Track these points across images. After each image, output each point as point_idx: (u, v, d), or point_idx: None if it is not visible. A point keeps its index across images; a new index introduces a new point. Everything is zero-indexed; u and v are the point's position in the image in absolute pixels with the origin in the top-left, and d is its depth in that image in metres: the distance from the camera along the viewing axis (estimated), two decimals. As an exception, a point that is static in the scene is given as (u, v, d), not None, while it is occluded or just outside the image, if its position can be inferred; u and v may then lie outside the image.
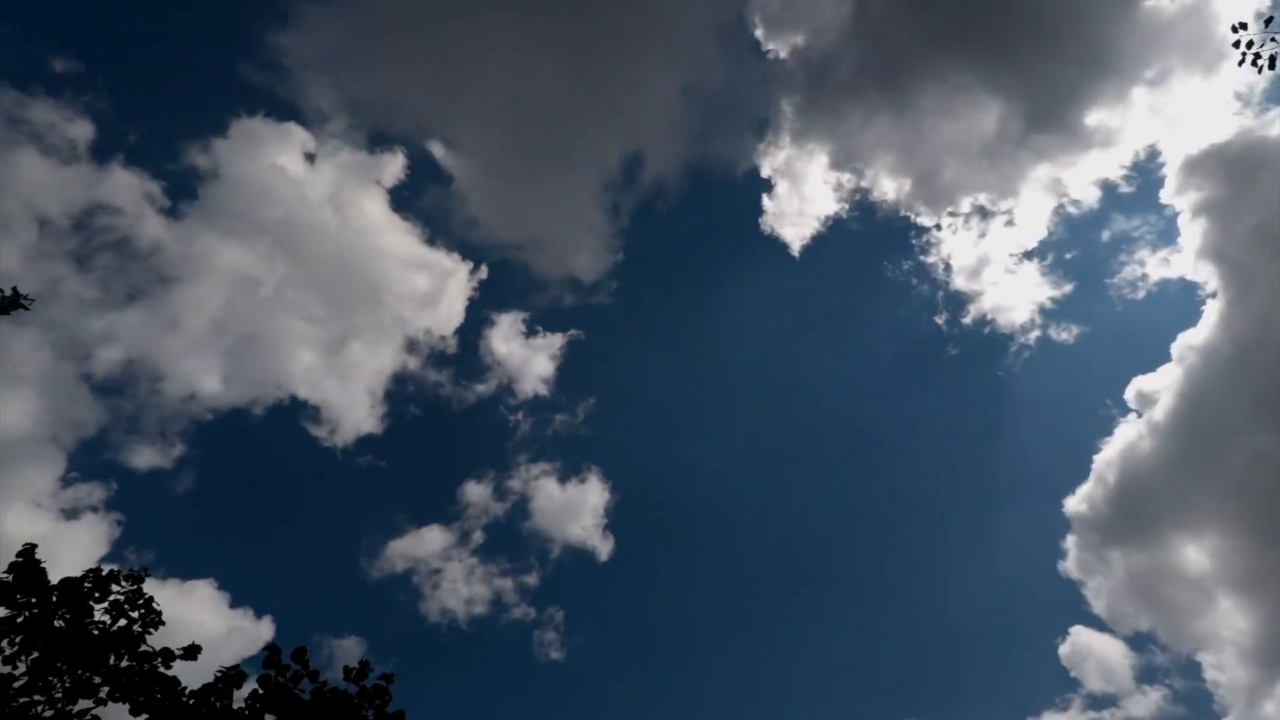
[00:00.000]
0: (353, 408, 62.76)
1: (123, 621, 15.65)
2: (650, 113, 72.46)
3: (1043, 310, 65.62)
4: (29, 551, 15.33)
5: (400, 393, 65.21)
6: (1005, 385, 67.15)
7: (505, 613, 58.32)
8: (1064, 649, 55.83)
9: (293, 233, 69.38)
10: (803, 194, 69.86)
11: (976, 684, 58.84)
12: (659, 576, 64.23)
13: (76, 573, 15.56)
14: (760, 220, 69.52)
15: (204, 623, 53.04)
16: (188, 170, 65.55)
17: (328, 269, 70.44)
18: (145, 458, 57.94)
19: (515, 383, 66.22)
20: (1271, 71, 14.35)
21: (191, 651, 15.79)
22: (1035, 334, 65.58)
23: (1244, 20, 14.36)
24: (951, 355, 68.84)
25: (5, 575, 14.99)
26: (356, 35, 71.61)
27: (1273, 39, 14.36)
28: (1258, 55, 14.44)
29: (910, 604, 63.08)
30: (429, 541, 59.58)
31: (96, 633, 15.36)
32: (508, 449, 65.12)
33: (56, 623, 15.21)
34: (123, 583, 15.90)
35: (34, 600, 15.11)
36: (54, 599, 15.28)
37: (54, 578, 15.35)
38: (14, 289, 15.74)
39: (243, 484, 63.86)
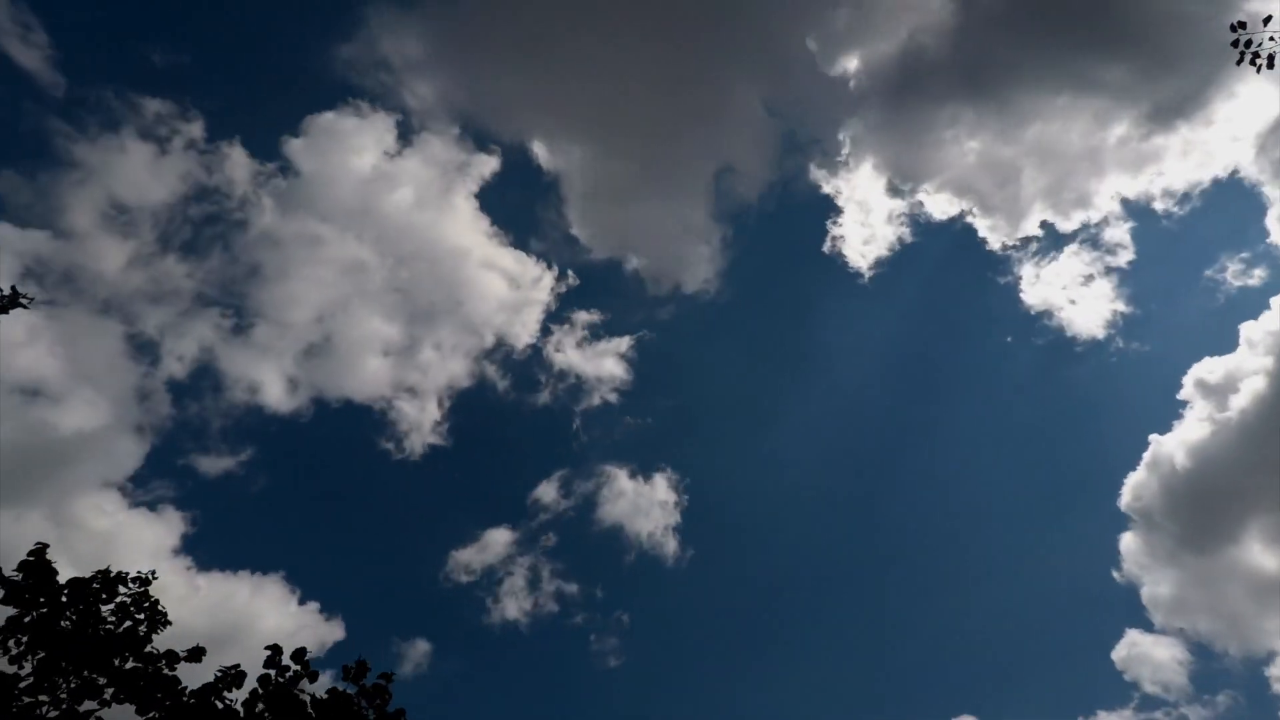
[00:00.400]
0: (426, 409, 63.93)
1: (129, 623, 15.78)
2: (737, 128, 74.27)
3: (1115, 324, 65.36)
4: (40, 551, 15.53)
5: (474, 395, 67.04)
6: (1070, 390, 67.53)
7: (571, 616, 59.45)
8: (1120, 652, 54.82)
9: (381, 230, 70.89)
10: (873, 209, 71.74)
11: (1034, 684, 59.01)
12: (726, 582, 65.48)
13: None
14: (835, 235, 71.37)
15: (272, 617, 54.06)
16: (280, 167, 68.40)
17: (413, 266, 71.68)
18: (219, 456, 60.08)
19: (589, 388, 67.69)
20: (1271, 71, 14.33)
21: (196, 653, 15.85)
22: (1101, 338, 64.97)
23: (1243, 20, 14.39)
24: (1020, 362, 69.27)
25: (14, 574, 15.17)
26: (458, 36, 74.01)
27: (1272, 38, 14.35)
28: (1256, 54, 14.42)
29: (970, 605, 63.59)
30: (497, 544, 60.53)
31: (103, 634, 15.48)
32: (581, 453, 66.69)
33: (64, 623, 15.36)
34: (130, 584, 16.06)
35: (42, 600, 15.28)
36: (63, 599, 15.45)
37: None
38: (13, 288, 15.90)
39: (316, 484, 66.09)
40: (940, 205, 70.98)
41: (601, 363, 68.49)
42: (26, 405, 57.21)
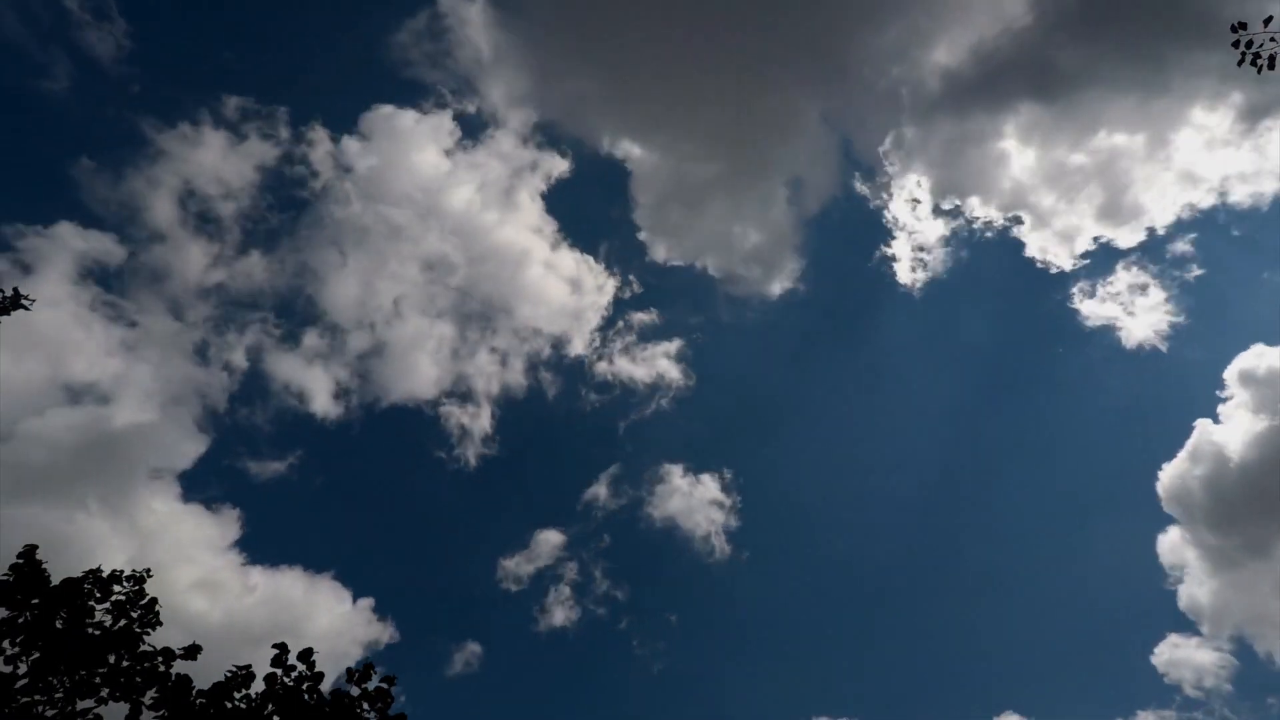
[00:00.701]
0: (481, 411, 64.08)
1: (123, 621, 15.65)
2: (802, 138, 74.05)
3: (1166, 333, 65.91)
4: (29, 552, 15.30)
5: (530, 397, 66.91)
6: (1117, 393, 68.74)
7: (621, 618, 59.92)
8: (1161, 654, 56.24)
9: (445, 229, 70.23)
10: (930, 218, 71.86)
11: (1075, 683, 60.39)
12: (775, 584, 66.76)
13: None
14: (894, 243, 72.06)
15: (326, 616, 54.66)
16: (346, 164, 67.55)
17: (475, 266, 70.97)
18: (274, 456, 60.36)
19: (647, 392, 67.76)
20: (1271, 71, 14.38)
21: (192, 651, 15.79)
22: (1145, 341, 65.81)
23: (1244, 20, 14.38)
24: (1071, 365, 70.33)
25: (6, 576, 14.97)
26: (533, 34, 72.99)
27: (1272, 39, 14.37)
28: (1257, 55, 14.45)
29: (1016, 604, 65.35)
30: (549, 545, 60.72)
31: (97, 633, 15.36)
32: (636, 456, 67.08)
33: (57, 623, 15.21)
34: (124, 583, 15.90)
35: (35, 601, 15.10)
36: (55, 600, 15.27)
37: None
38: (15, 289, 15.65)
39: (371, 485, 66.34)
40: (995, 213, 71.29)
41: (659, 366, 68.40)
42: (85, 401, 57.67)
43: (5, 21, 59.14)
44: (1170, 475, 61.18)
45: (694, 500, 63.28)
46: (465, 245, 71.69)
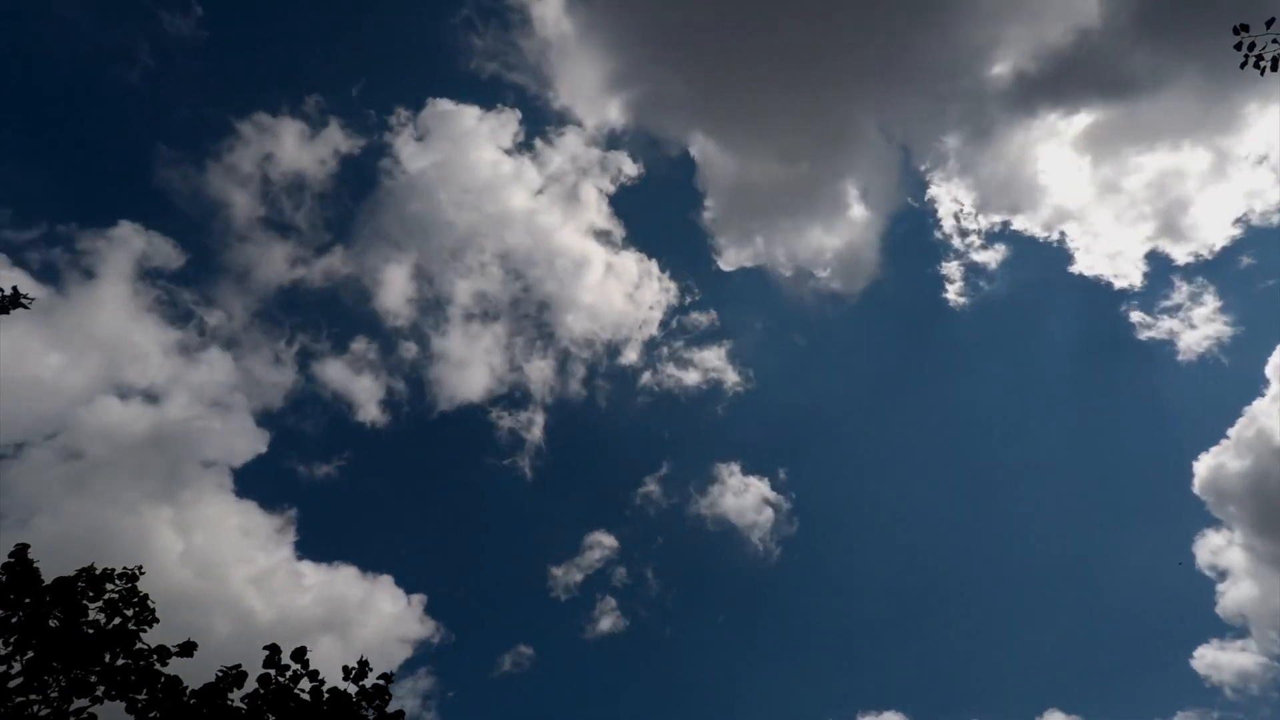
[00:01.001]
0: (536, 413, 63.77)
1: (117, 620, 15.59)
2: (864, 147, 73.50)
3: (1224, 344, 65.70)
4: (21, 552, 15.18)
5: (589, 398, 66.56)
6: (1172, 403, 68.94)
7: (672, 619, 60.46)
8: (1200, 659, 56.86)
9: (504, 226, 69.24)
10: (985, 230, 71.43)
11: (1121, 683, 61.34)
12: (826, 585, 67.43)
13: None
14: (950, 255, 72.00)
15: (378, 615, 55.70)
16: (409, 155, 66.12)
17: (535, 264, 70.19)
18: (329, 457, 60.30)
19: (703, 394, 67.68)
20: (1274, 73, 14.31)
21: (188, 648, 15.76)
22: (1201, 352, 66.03)
23: (1246, 22, 14.27)
24: (1125, 376, 70.51)
25: (-2, 576, 14.86)
26: (605, 33, 71.60)
27: (1275, 40, 14.27)
28: (1260, 57, 14.36)
29: (1061, 605, 66.15)
30: (602, 546, 60.77)
31: (91, 631, 15.29)
32: (692, 458, 66.91)
33: (51, 622, 15.12)
34: (117, 581, 15.81)
35: (27, 600, 15.00)
36: (47, 599, 15.18)
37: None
38: (14, 288, 15.44)
39: (425, 487, 66.50)
40: (1048, 224, 71.37)
41: (715, 369, 68.36)
42: (143, 398, 57.49)
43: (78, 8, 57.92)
44: (1219, 477, 61.82)
45: (746, 502, 63.78)
46: (527, 246, 70.99)
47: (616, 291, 69.97)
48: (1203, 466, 61.55)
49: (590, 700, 58.73)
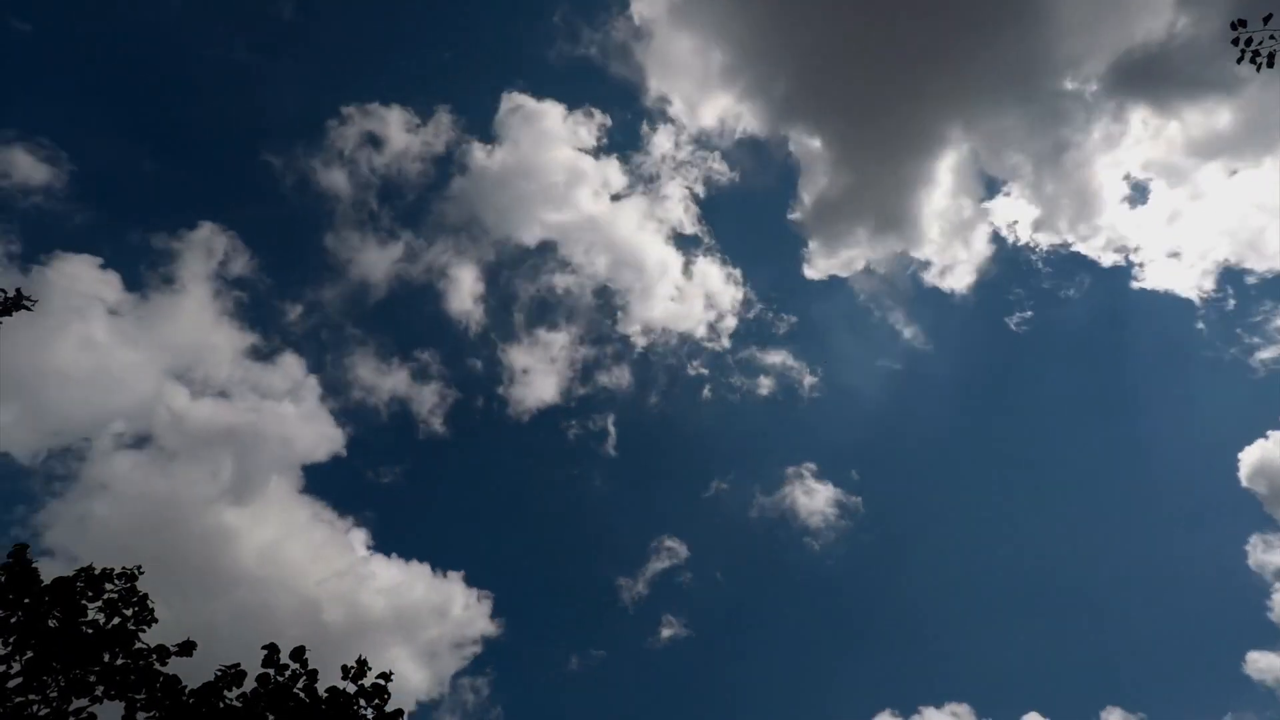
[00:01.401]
0: (608, 414, 64.43)
1: (116, 620, 15.61)
2: (944, 150, 74.04)
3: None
4: (20, 552, 15.20)
5: (660, 402, 67.38)
6: (1243, 416, 68.33)
7: (741, 619, 61.24)
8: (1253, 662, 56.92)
9: (583, 227, 69.92)
10: (1060, 243, 71.55)
11: (1182, 682, 61.88)
12: (891, 587, 67.56)
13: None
14: (1026, 270, 71.86)
15: (440, 611, 56.48)
16: (488, 153, 67.24)
17: (616, 269, 70.63)
18: (400, 459, 61.54)
19: (780, 398, 68.28)
20: (1271, 69, 14.28)
21: (187, 648, 15.78)
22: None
23: (1243, 18, 14.24)
24: (1196, 388, 70.33)
25: (-3, 577, 14.88)
26: (693, 35, 71.79)
27: (1272, 36, 14.25)
28: (1256, 53, 14.32)
29: (1124, 606, 66.39)
30: (672, 550, 61.05)
31: (90, 631, 15.31)
32: (765, 461, 67.74)
33: (50, 622, 15.15)
34: (116, 581, 15.83)
35: (27, 600, 15.03)
36: (46, 599, 15.20)
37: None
38: (17, 290, 15.40)
39: (500, 486, 67.07)
40: (1109, 244, 70.96)
41: (789, 373, 68.94)
42: (219, 397, 58.97)
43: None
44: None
45: (816, 503, 64.26)
46: (603, 245, 71.35)
47: (693, 292, 70.37)
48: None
49: (657, 705, 59.21)
